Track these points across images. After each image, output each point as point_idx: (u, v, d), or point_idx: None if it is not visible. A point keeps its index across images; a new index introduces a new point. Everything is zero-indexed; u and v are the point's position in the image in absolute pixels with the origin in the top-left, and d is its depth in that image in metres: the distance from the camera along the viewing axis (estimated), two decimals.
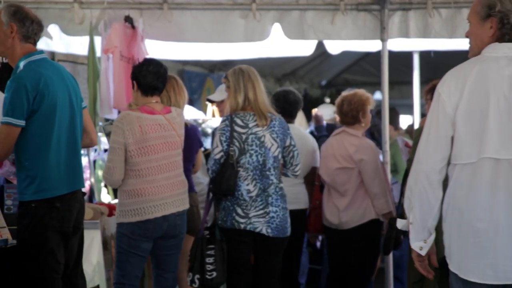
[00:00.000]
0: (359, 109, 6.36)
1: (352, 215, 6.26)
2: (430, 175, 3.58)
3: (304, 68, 11.88)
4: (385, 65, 7.03)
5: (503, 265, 3.41)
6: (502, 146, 3.43)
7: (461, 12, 6.85)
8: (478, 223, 3.45)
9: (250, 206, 5.56)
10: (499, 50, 3.57)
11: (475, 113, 3.48)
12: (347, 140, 6.34)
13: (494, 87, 3.47)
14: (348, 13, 6.91)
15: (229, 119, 5.57)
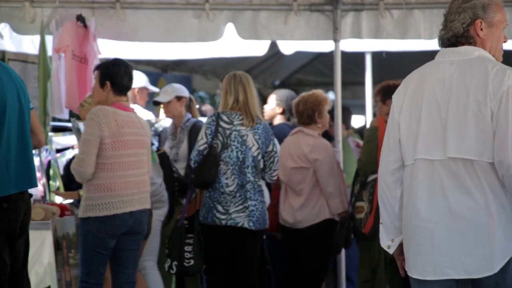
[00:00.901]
0: (315, 109, 6.39)
1: (307, 214, 6.30)
2: (384, 176, 3.66)
3: (258, 68, 11.88)
4: (337, 66, 7.07)
5: (440, 261, 3.47)
6: (434, 147, 3.50)
7: (413, 13, 6.92)
8: (417, 221, 3.52)
9: (229, 202, 5.81)
10: (444, 54, 3.64)
11: (412, 116, 3.57)
12: (303, 140, 6.37)
13: (428, 91, 3.55)
14: (301, 14, 6.94)
15: (216, 115, 5.92)
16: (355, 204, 6.31)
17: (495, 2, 3.63)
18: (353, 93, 12.32)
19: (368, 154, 6.32)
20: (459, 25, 3.56)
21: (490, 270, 3.42)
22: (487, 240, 3.42)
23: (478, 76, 3.46)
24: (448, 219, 3.45)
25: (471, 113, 3.43)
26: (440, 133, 3.49)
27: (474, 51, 3.56)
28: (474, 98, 3.43)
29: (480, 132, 3.42)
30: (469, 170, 3.43)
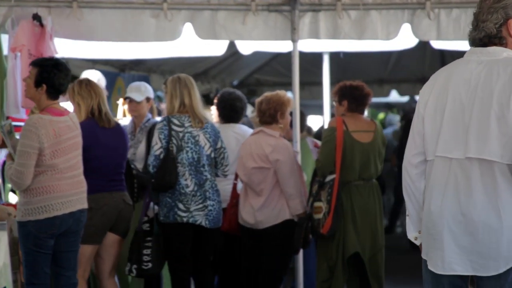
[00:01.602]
0: (278, 109, 6.40)
1: (267, 215, 6.30)
2: (408, 169, 3.75)
3: (216, 68, 11.88)
4: (295, 66, 7.09)
5: (449, 257, 3.58)
6: (454, 146, 3.57)
7: (370, 14, 6.97)
8: (432, 216, 3.63)
9: (190, 200, 6.13)
10: (473, 54, 3.67)
11: (437, 112, 3.64)
12: (264, 140, 6.37)
13: (453, 89, 3.61)
14: (259, 14, 6.95)
15: (166, 120, 6.14)
16: (314, 205, 6.33)
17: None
18: (311, 93, 12.37)
19: (326, 154, 6.34)
20: (492, 26, 3.59)
21: (496, 270, 3.51)
22: (495, 241, 3.49)
23: (503, 78, 3.50)
24: (458, 218, 3.54)
25: (493, 116, 3.48)
26: (462, 133, 3.56)
27: (502, 52, 3.59)
28: (498, 101, 3.48)
29: (502, 134, 3.47)
30: (485, 171, 3.51)
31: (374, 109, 17.61)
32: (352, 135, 6.38)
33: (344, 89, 6.51)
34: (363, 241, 6.35)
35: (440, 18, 6.92)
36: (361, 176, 6.41)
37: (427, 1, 6.88)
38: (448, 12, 6.92)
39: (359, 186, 6.41)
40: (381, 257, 6.47)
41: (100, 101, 6.01)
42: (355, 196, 6.38)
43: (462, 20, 6.90)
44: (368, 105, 6.67)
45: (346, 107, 6.50)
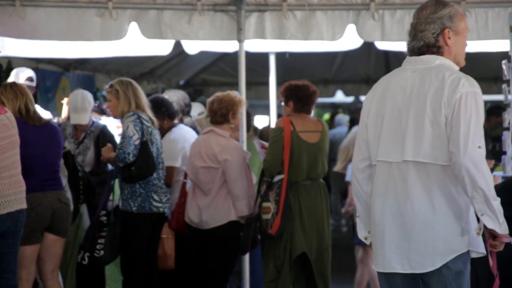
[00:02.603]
0: (229, 108, 6.39)
1: (213, 215, 6.29)
2: (356, 174, 3.98)
3: (162, 67, 11.82)
4: (242, 66, 7.10)
5: (388, 256, 3.77)
6: (392, 150, 3.78)
7: (315, 15, 7.01)
8: (374, 218, 3.85)
9: (161, 192, 6.30)
10: (408, 63, 3.90)
11: (378, 119, 3.85)
12: (213, 139, 6.36)
13: (391, 97, 3.83)
14: (205, 14, 6.94)
15: (136, 115, 6.20)
16: (262, 205, 6.33)
17: (459, 11, 3.86)
18: (257, 94, 12.39)
19: (274, 155, 6.36)
20: (431, 35, 3.81)
21: (432, 266, 3.71)
22: (431, 238, 3.70)
23: (435, 85, 3.71)
24: (397, 218, 3.75)
25: (427, 120, 3.69)
26: (399, 138, 3.77)
27: (435, 60, 3.82)
28: (431, 105, 3.69)
29: (436, 137, 3.68)
30: (421, 173, 3.72)
31: (319, 109, 17.73)
32: (299, 135, 6.41)
33: (289, 90, 6.53)
34: (310, 240, 6.38)
35: (384, 19, 6.99)
36: (308, 176, 6.44)
37: (372, 2, 6.95)
38: (392, 13, 6.99)
39: (307, 186, 6.44)
40: (327, 257, 6.51)
41: (28, 101, 5.95)
42: (303, 196, 6.41)
43: (406, 21, 6.98)
44: (315, 104, 6.70)
45: (292, 107, 6.53)
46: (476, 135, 3.63)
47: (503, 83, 7.12)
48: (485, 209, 3.63)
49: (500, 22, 6.86)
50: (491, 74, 11.31)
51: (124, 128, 6.18)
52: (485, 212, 3.64)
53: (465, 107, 3.65)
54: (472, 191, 3.62)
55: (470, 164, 3.60)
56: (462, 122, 3.63)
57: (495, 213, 3.64)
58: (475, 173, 3.60)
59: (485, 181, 3.61)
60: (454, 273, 3.73)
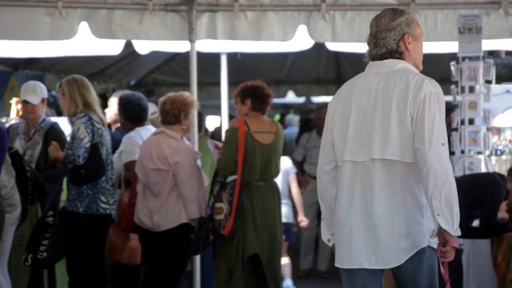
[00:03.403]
0: (182, 109, 6.37)
1: (164, 217, 6.25)
2: (321, 176, 4.13)
3: (113, 67, 11.73)
4: (193, 66, 7.09)
5: (356, 252, 3.91)
6: (359, 150, 3.93)
7: (267, 15, 7.02)
8: (340, 216, 3.97)
9: (108, 194, 6.26)
10: (371, 67, 4.05)
11: (343, 122, 4.01)
12: (165, 141, 6.32)
13: (356, 100, 3.98)
14: (156, 14, 6.92)
15: (87, 116, 6.15)
16: (215, 205, 6.32)
17: (414, 18, 4.08)
18: (209, 94, 12.37)
19: (228, 155, 6.35)
20: (392, 41, 3.99)
21: (398, 262, 3.86)
22: (396, 234, 3.84)
23: (400, 86, 3.88)
24: (364, 215, 3.89)
25: (393, 120, 3.85)
26: (365, 138, 3.93)
27: (397, 64, 3.99)
28: (396, 106, 3.86)
29: (402, 136, 3.84)
30: (387, 171, 3.87)
31: (271, 110, 17.76)
32: (253, 135, 6.42)
33: (246, 89, 6.55)
34: (262, 241, 6.39)
35: (335, 20, 7.03)
36: (262, 176, 6.45)
37: (323, 3, 6.99)
38: (343, 15, 7.04)
39: (260, 186, 6.45)
40: (278, 258, 6.53)
41: None
42: (256, 197, 6.41)
43: (357, 23, 7.04)
44: (270, 106, 6.72)
45: (250, 106, 6.53)
46: (440, 133, 3.78)
47: (451, 84, 7.23)
48: (443, 209, 3.71)
49: (448, 24, 6.96)
50: (439, 75, 11.40)
51: (75, 129, 6.12)
52: (442, 213, 3.71)
53: (429, 106, 3.81)
54: (433, 189, 3.73)
55: (434, 159, 3.73)
56: (426, 120, 3.78)
57: (452, 215, 3.72)
58: (438, 169, 3.72)
59: (447, 180, 3.72)
60: (424, 270, 3.87)
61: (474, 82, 6.92)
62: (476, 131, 6.87)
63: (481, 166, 6.94)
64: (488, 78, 7.04)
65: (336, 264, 3.99)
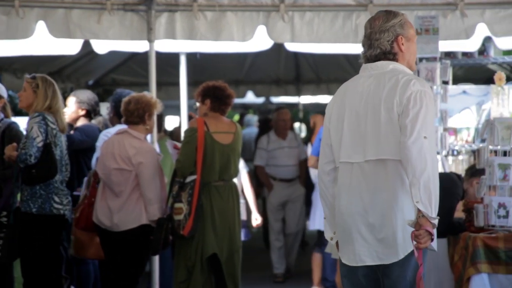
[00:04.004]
0: (146, 109, 6.35)
1: (124, 218, 6.22)
2: (322, 176, 4.20)
3: (70, 67, 11.64)
4: (152, 66, 7.06)
5: (358, 250, 4.01)
6: (354, 151, 4.03)
7: (226, 16, 7.03)
8: (341, 216, 4.07)
9: (62, 194, 6.18)
10: (365, 70, 4.15)
11: (338, 124, 4.10)
12: (128, 141, 6.29)
13: (349, 102, 4.08)
14: (114, 13, 6.89)
15: (42, 116, 6.07)
16: (174, 206, 6.30)
17: (407, 20, 4.15)
18: (168, 94, 12.33)
19: (187, 155, 6.34)
20: (386, 43, 4.07)
21: (396, 257, 3.95)
22: (392, 231, 3.93)
23: (389, 87, 3.98)
24: (362, 214, 3.99)
25: (383, 120, 3.95)
26: (359, 140, 4.02)
27: (389, 65, 4.08)
28: (385, 106, 3.96)
29: (392, 135, 3.93)
30: (381, 170, 3.96)
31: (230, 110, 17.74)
32: (212, 136, 6.41)
33: (207, 89, 6.54)
34: (221, 241, 6.39)
35: (294, 21, 7.06)
36: (221, 177, 6.45)
37: (281, 4, 7.01)
38: (302, 15, 7.07)
39: (219, 187, 6.44)
40: (237, 258, 6.53)
41: None
42: (215, 197, 6.41)
43: (315, 23, 7.07)
44: (231, 106, 6.72)
45: (209, 106, 6.53)
46: (423, 127, 3.85)
47: None
48: (421, 196, 3.79)
49: None
50: None
51: (28, 129, 6.07)
52: (420, 200, 3.80)
53: (414, 102, 3.90)
54: (412, 177, 3.81)
55: (414, 149, 3.81)
56: (410, 113, 3.87)
57: (431, 203, 3.80)
58: (417, 159, 3.80)
59: (426, 169, 3.80)
60: (411, 265, 3.94)
61: (431, 83, 6.97)
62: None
63: (438, 166, 7.00)
64: (445, 79, 7.11)
65: (344, 261, 4.09)
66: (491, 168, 5.67)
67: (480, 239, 5.50)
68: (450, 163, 7.60)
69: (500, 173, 5.66)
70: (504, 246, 5.45)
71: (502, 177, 5.66)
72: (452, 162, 7.70)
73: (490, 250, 5.47)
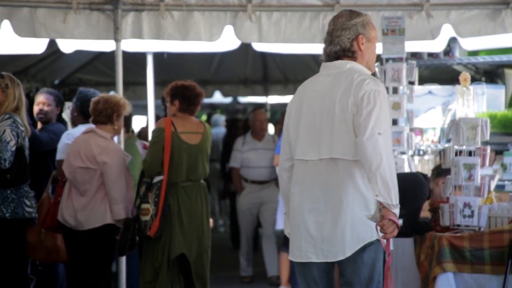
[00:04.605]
0: (115, 110, 6.32)
1: (89, 216, 6.19)
2: (281, 173, 4.29)
3: (36, 66, 11.55)
4: (119, 65, 7.03)
5: (305, 246, 4.09)
6: (309, 149, 4.10)
7: (193, 15, 7.01)
8: (293, 212, 4.16)
9: (30, 197, 6.13)
10: (324, 68, 4.22)
11: (296, 122, 4.17)
12: (94, 140, 6.26)
13: (307, 101, 4.15)
14: (81, 12, 6.85)
15: (12, 118, 5.99)
16: (141, 206, 6.27)
17: (370, 21, 4.22)
18: (135, 94, 12.28)
19: (154, 155, 6.32)
20: (346, 40, 4.13)
21: (343, 255, 4.02)
22: (340, 229, 4.01)
23: (344, 86, 4.05)
24: (313, 211, 4.07)
25: (337, 119, 4.02)
26: (315, 138, 4.09)
27: (346, 64, 4.15)
28: (339, 105, 4.03)
29: (346, 134, 4.00)
30: (333, 169, 4.03)
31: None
32: (180, 136, 6.39)
33: (175, 89, 6.52)
34: (189, 242, 6.37)
35: (261, 21, 7.06)
36: (188, 177, 6.43)
37: (249, 4, 7.01)
38: (269, 15, 7.08)
39: (186, 187, 6.42)
40: (206, 258, 6.52)
41: None
42: (182, 198, 6.39)
43: (283, 23, 7.08)
44: (200, 106, 6.70)
45: (178, 106, 6.51)
46: (377, 124, 3.92)
47: None
48: (380, 189, 3.87)
49: None
50: None
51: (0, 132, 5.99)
52: (379, 193, 3.88)
53: (367, 101, 3.97)
54: (369, 173, 3.90)
55: (369, 146, 3.89)
56: (364, 112, 3.95)
57: (390, 194, 3.88)
58: (372, 155, 3.87)
59: (382, 164, 3.87)
60: (366, 262, 4.02)
61: (397, 83, 7.02)
62: (400, 132, 6.97)
63: (404, 166, 7.05)
64: (411, 79, 7.15)
65: (289, 257, 4.17)
66: (457, 168, 5.72)
67: (445, 239, 5.54)
68: (416, 163, 7.65)
69: (466, 173, 5.70)
70: (469, 245, 5.49)
71: (467, 177, 5.70)
72: (418, 162, 7.76)
73: (455, 249, 5.51)
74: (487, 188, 5.76)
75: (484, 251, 5.46)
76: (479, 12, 7.08)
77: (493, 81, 9.61)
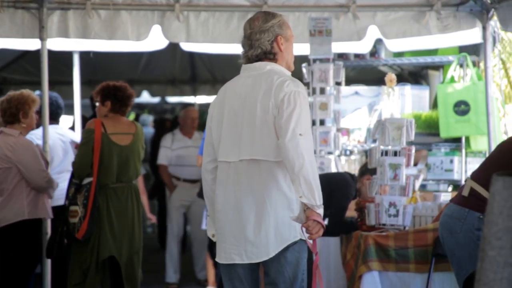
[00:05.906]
0: (19, 108, 6.26)
1: (6, 213, 6.17)
2: (204, 174, 4.30)
3: None
4: (44, 65, 6.94)
5: (229, 248, 4.12)
6: (231, 151, 4.12)
7: (120, 14, 6.96)
8: (217, 214, 4.18)
9: None
10: (244, 70, 4.24)
11: (218, 124, 4.19)
12: (3, 140, 6.23)
13: (228, 102, 4.18)
14: (5, 11, 6.75)
15: None
16: (70, 208, 6.21)
17: (285, 21, 4.25)
18: (61, 93, 12.04)
19: (84, 157, 6.25)
20: (267, 43, 4.16)
21: (266, 256, 4.05)
22: (264, 230, 4.03)
23: (265, 88, 4.08)
24: (235, 213, 4.09)
25: (259, 121, 4.05)
26: (236, 139, 4.11)
27: (266, 66, 4.18)
28: (260, 107, 4.06)
29: (267, 136, 4.03)
30: (256, 170, 4.05)
31: None
32: (110, 137, 6.33)
33: (107, 90, 6.46)
34: (119, 244, 6.32)
35: (189, 21, 7.05)
36: (119, 178, 6.38)
37: (176, 4, 6.99)
38: (197, 15, 7.07)
39: (117, 188, 6.37)
40: (137, 260, 6.47)
41: None
42: (112, 199, 6.33)
43: (211, 23, 7.08)
44: (131, 107, 6.66)
45: (109, 107, 6.45)
46: (298, 125, 3.95)
47: None
48: (303, 190, 3.89)
49: (300, 26, 7.10)
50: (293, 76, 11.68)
51: None
52: (303, 194, 3.89)
53: (288, 103, 4.00)
54: (292, 174, 3.92)
55: (291, 147, 3.91)
56: (284, 114, 3.98)
57: (313, 194, 3.90)
58: (294, 156, 3.90)
59: (304, 165, 3.89)
60: (289, 261, 4.05)
61: (324, 84, 7.09)
62: (327, 132, 7.05)
63: (331, 166, 7.12)
64: (338, 80, 7.23)
65: (216, 258, 4.19)
66: (382, 168, 5.80)
67: (371, 238, 5.61)
68: (343, 163, 7.74)
69: (391, 173, 5.79)
70: (394, 244, 5.58)
71: (393, 176, 5.79)
72: (345, 162, 7.85)
73: (381, 248, 5.59)
74: (412, 187, 5.86)
75: (408, 250, 5.55)
76: (404, 14, 7.20)
77: (418, 82, 9.78)
